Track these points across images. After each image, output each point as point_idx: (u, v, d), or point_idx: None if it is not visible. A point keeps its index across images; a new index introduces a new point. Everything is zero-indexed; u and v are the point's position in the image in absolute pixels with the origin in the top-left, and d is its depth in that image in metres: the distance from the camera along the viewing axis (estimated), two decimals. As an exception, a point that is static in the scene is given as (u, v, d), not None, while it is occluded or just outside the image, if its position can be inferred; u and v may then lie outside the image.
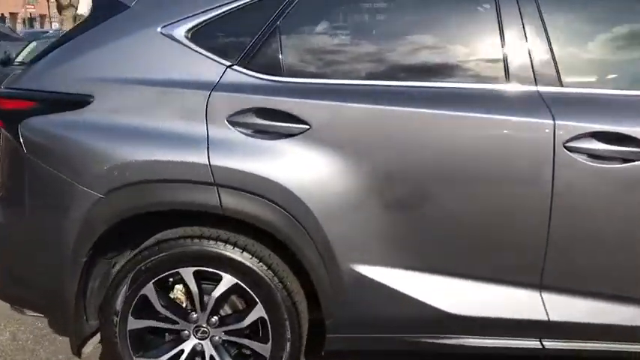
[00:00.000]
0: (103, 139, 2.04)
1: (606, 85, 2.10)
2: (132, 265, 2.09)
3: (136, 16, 2.15)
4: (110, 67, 2.11)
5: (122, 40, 2.12)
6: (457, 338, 2.10)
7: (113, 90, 2.08)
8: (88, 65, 2.12)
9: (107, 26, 2.16)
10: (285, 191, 1.97)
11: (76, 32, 2.24)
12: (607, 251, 1.97)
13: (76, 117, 2.07)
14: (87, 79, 2.10)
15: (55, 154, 2.08)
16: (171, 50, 2.09)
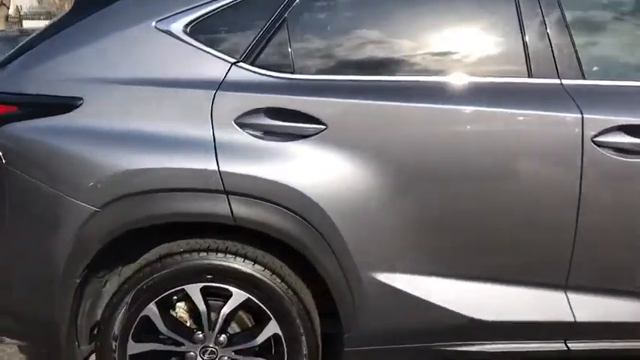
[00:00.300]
0: (96, 146, 1.84)
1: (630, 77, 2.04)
2: (132, 283, 1.89)
3: (127, 10, 1.95)
4: (100, 66, 1.91)
5: (112, 36, 1.92)
6: (481, 344, 2.01)
7: (105, 91, 1.88)
8: (75, 64, 1.91)
9: (93, 21, 1.95)
10: (301, 196, 1.82)
11: (54, 29, 2.02)
12: (635, 248, 1.92)
13: (63, 122, 1.86)
14: (74, 79, 1.89)
15: (40, 164, 1.86)
16: (169, 46, 1.90)
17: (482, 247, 1.92)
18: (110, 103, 1.87)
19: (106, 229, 1.84)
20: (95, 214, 1.82)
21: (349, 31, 1.98)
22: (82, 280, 1.89)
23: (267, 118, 1.84)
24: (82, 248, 1.85)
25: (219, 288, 1.91)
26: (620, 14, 2.08)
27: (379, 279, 1.91)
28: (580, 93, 1.87)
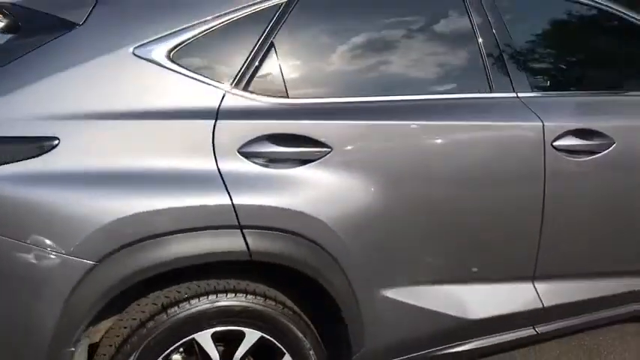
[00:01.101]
0: (83, 191, 1.59)
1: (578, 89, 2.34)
2: (135, 342, 1.67)
3: (94, 36, 1.72)
4: (73, 100, 1.66)
5: (83, 65, 1.68)
6: (470, 342, 2.15)
7: (83, 128, 1.64)
8: (41, 99, 1.63)
9: (54, 49, 1.69)
10: (314, 222, 1.78)
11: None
12: (587, 235, 2.21)
13: (38, 167, 1.57)
14: (42, 117, 1.62)
15: (14, 218, 1.56)
16: (152, 74, 1.73)
17: (472, 253, 2.05)
18: (92, 141, 1.64)
19: (109, 283, 1.60)
20: (94, 268, 1.58)
21: (340, 52, 1.99)
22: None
23: (272, 144, 1.76)
24: (80, 307, 1.59)
25: (229, 331, 1.78)
26: (559, 37, 2.39)
27: (385, 294, 1.94)
28: (534, 104, 2.12)
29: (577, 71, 2.49)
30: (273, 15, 1.86)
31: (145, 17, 1.79)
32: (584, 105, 2.27)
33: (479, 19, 2.11)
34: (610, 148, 2.18)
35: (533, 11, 2.37)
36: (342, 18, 2.01)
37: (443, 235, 1.98)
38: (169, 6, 1.83)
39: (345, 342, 1.94)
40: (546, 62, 2.36)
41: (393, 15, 2.09)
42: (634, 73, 2.57)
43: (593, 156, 2.16)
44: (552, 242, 2.15)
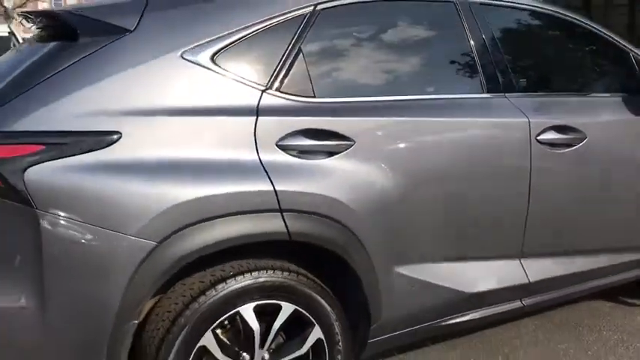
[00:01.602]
0: (143, 179, 1.79)
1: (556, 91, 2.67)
2: (190, 315, 1.86)
3: (147, 41, 1.92)
4: (131, 99, 1.85)
5: (137, 68, 1.87)
6: (468, 314, 2.43)
7: (141, 124, 1.83)
8: (101, 98, 1.82)
9: (111, 53, 1.88)
10: (341, 206, 2.02)
11: (57, 61, 1.87)
12: (570, 219, 2.54)
13: (102, 158, 1.76)
14: (104, 113, 1.80)
15: (82, 203, 1.73)
16: (198, 76, 1.94)
17: (472, 233, 2.34)
18: (149, 135, 1.83)
19: (169, 261, 1.79)
20: (156, 247, 1.77)
21: (358, 58, 2.24)
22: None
23: (303, 138, 2.00)
24: (142, 286, 1.77)
25: (268, 305, 1.99)
26: (539, 47, 2.74)
27: (399, 270, 2.19)
28: (520, 104, 2.42)
29: (554, 76, 2.83)
30: (300, 24, 2.10)
31: (190, 24, 1.99)
32: (561, 104, 2.60)
33: (473, 34, 2.41)
34: (583, 141, 2.51)
35: (517, 25, 2.69)
36: (360, 27, 2.27)
37: (447, 217, 2.26)
38: (210, 14, 2.03)
39: (363, 315, 2.18)
40: (528, 68, 2.67)
41: (404, 27, 2.37)
42: (599, 79, 2.94)
43: (569, 148, 2.49)
44: (536, 224, 2.46)
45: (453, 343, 2.85)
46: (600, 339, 2.91)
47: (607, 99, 2.77)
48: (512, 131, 2.38)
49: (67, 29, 1.94)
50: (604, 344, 2.86)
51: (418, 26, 2.41)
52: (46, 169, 1.71)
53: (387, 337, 2.27)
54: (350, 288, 2.14)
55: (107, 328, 1.77)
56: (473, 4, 2.46)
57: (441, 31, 2.44)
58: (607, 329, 3.00)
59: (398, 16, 2.35)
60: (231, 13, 2.05)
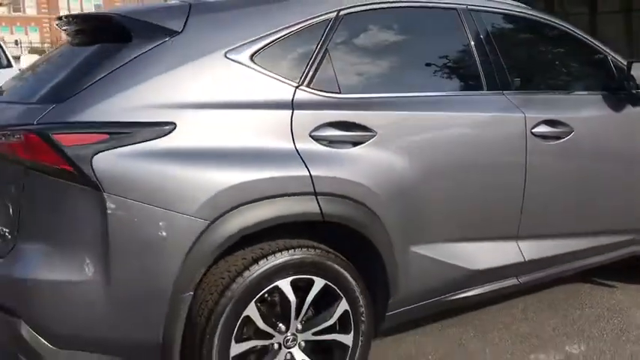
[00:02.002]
0: (197, 165, 2.00)
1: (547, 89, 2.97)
2: (236, 288, 2.06)
3: (194, 42, 2.13)
4: (182, 93, 2.06)
5: (187, 65, 2.08)
6: (473, 289, 2.69)
7: (192, 116, 2.04)
8: (157, 93, 2.02)
9: (162, 52, 2.08)
10: (366, 190, 2.26)
11: (115, 60, 2.06)
12: (560, 203, 2.82)
13: (162, 145, 1.96)
14: (159, 106, 2.00)
15: (144, 186, 1.93)
16: (240, 73, 2.15)
17: (476, 216, 2.60)
18: (199, 126, 2.04)
19: (220, 238, 2.00)
20: (210, 225, 1.98)
21: (377, 58, 2.49)
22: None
23: (332, 129, 2.23)
24: (197, 259, 1.98)
25: (302, 280, 2.21)
26: (532, 50, 3.03)
27: (415, 249, 2.44)
28: (518, 100, 2.70)
29: (544, 75, 3.13)
30: (325, 27, 2.34)
31: (232, 27, 2.21)
32: (551, 101, 2.89)
33: (474, 38, 2.68)
34: (570, 134, 2.80)
35: (512, 30, 2.99)
36: (378, 31, 2.52)
37: (455, 201, 2.51)
38: (248, 18, 2.25)
39: (382, 290, 2.42)
40: (522, 68, 2.95)
41: (415, 31, 2.64)
42: (582, 78, 3.25)
43: (559, 140, 2.78)
44: (531, 208, 2.74)
45: (452, 321, 3.11)
46: (583, 315, 3.21)
47: (589, 96, 3.07)
48: (510, 125, 2.65)
49: (121, 31, 2.13)
50: (587, 319, 3.16)
51: (427, 31, 2.68)
52: (111, 155, 1.91)
53: (403, 311, 2.51)
54: (371, 265, 2.38)
55: (166, 298, 1.97)
56: (472, 12, 2.74)
57: (446, 35, 2.70)
58: (589, 307, 3.30)
59: (410, 22, 2.61)
60: (267, 16, 2.27)
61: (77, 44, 2.44)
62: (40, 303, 1.93)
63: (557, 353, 2.83)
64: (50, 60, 2.57)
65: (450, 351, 2.86)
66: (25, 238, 1.96)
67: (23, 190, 1.95)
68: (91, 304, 1.93)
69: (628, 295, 3.44)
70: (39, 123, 1.92)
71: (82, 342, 1.97)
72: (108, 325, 1.96)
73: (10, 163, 1.99)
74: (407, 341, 2.94)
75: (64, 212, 1.92)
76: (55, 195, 1.92)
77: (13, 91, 2.41)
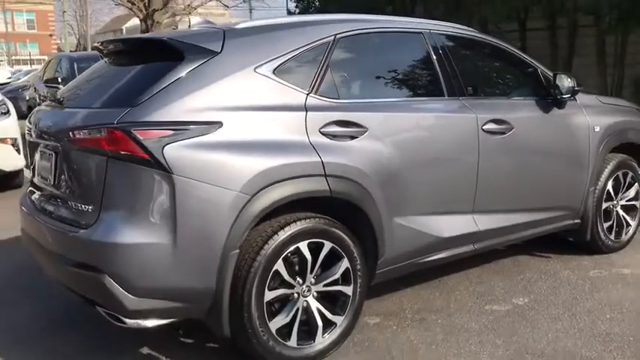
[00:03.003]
0: (240, 153, 2.63)
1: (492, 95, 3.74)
2: (268, 247, 2.69)
3: (231, 60, 2.76)
4: (225, 99, 2.69)
5: (227, 78, 2.72)
6: (439, 253, 3.39)
7: (233, 116, 2.67)
8: (203, 99, 2.64)
9: (209, 67, 2.71)
10: (360, 172, 2.93)
11: (172, 73, 2.65)
12: (505, 185, 3.58)
13: (213, 139, 2.59)
14: (207, 109, 2.62)
15: (202, 169, 2.54)
16: (266, 84, 2.80)
17: (442, 195, 3.31)
18: (239, 124, 2.67)
19: (258, 208, 2.63)
20: (251, 199, 2.61)
21: (365, 70, 3.19)
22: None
23: (335, 126, 2.90)
24: (241, 225, 2.60)
25: (315, 243, 2.85)
26: (481, 65, 3.80)
27: (397, 220, 3.13)
28: (469, 104, 3.45)
29: (490, 84, 3.91)
30: (327, 47, 3.01)
31: (258, 48, 2.86)
32: (496, 105, 3.65)
33: (436, 56, 3.42)
34: (512, 130, 3.57)
35: (464, 49, 3.75)
36: (365, 50, 3.22)
37: (427, 182, 3.22)
38: (271, 41, 2.90)
39: (373, 252, 3.09)
40: (473, 79, 3.71)
41: (394, 49, 3.36)
42: (519, 87, 4.04)
43: (503, 135, 3.54)
44: (483, 188, 3.48)
45: (423, 285, 3.82)
46: (525, 278, 3.97)
47: (525, 101, 3.87)
48: (466, 123, 3.39)
49: (175, 52, 2.73)
50: (528, 281, 3.92)
51: (401, 49, 3.41)
52: (177, 146, 2.51)
53: (388, 269, 3.19)
54: (365, 232, 3.04)
55: (218, 256, 2.58)
56: (434, 34, 3.48)
57: (416, 52, 3.44)
58: (529, 271, 4.08)
59: (389, 42, 3.35)
60: (284, 39, 2.94)
61: (126, 62, 3.02)
62: (120, 261, 2.50)
63: (506, 304, 3.57)
64: (99, 75, 3.14)
65: (422, 306, 3.56)
66: (107, 210, 2.53)
67: (106, 174, 2.52)
68: (161, 260, 2.52)
69: (559, 262, 4.24)
70: (119, 122, 2.51)
71: (153, 291, 2.55)
72: (174, 277, 2.55)
73: (93, 153, 2.57)
74: (388, 300, 3.63)
75: (139, 190, 2.51)
76: (133, 177, 2.50)
77: (76, 99, 2.98)
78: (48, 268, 2.95)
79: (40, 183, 3.10)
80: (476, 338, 3.15)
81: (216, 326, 2.70)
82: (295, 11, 16.88)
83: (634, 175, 4.43)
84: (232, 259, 2.62)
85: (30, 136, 3.22)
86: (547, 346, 3.05)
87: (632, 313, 3.39)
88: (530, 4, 10.58)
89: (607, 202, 4.29)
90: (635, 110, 4.61)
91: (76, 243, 2.59)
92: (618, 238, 4.39)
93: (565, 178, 3.99)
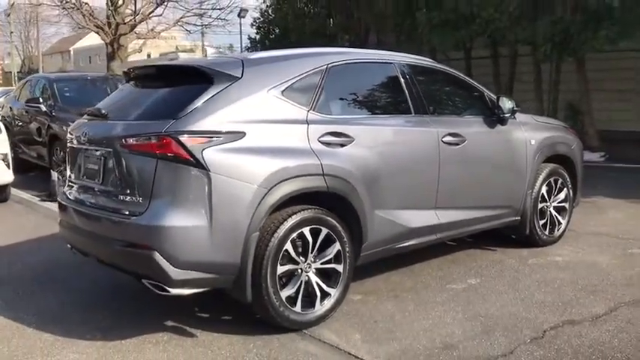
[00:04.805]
0: (259, 157, 3.36)
1: (449, 114, 4.59)
2: (280, 231, 3.40)
3: (250, 83, 3.50)
4: (246, 114, 3.42)
5: (247, 97, 3.46)
6: (409, 241, 4.18)
7: (253, 127, 3.40)
8: (233, 113, 3.36)
9: (233, 89, 3.44)
10: (349, 172, 3.69)
11: (206, 93, 3.36)
12: (460, 186, 4.41)
13: (239, 145, 3.31)
14: (236, 122, 3.35)
15: (231, 168, 3.26)
16: (277, 102, 3.55)
17: (410, 193, 4.11)
18: (257, 134, 3.40)
19: (274, 200, 3.36)
20: (268, 192, 3.33)
21: (350, 92, 3.99)
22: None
23: (330, 136, 3.66)
24: (260, 213, 3.31)
25: (315, 228, 3.58)
26: (440, 90, 4.66)
27: (377, 212, 3.90)
28: (432, 121, 4.28)
29: (446, 105, 4.78)
30: (321, 74, 3.79)
31: (269, 74, 3.61)
32: (452, 121, 4.50)
33: (405, 81, 4.24)
34: (465, 142, 4.42)
35: (426, 77, 4.59)
36: (351, 76, 4.02)
37: (399, 182, 4.02)
38: (279, 69, 3.66)
39: (357, 239, 3.84)
40: (433, 100, 4.55)
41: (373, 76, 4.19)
42: (469, 107, 4.90)
43: (458, 146, 4.38)
44: (443, 188, 4.29)
45: (394, 272, 4.59)
46: (476, 265, 4.80)
47: (474, 118, 4.74)
48: (429, 135, 4.22)
49: (205, 76, 3.45)
50: (479, 267, 4.75)
51: (378, 76, 4.24)
52: (212, 150, 3.23)
53: (369, 253, 3.95)
54: (352, 221, 3.79)
55: (243, 236, 3.28)
56: (402, 64, 4.31)
57: (389, 79, 4.25)
58: (479, 261, 4.90)
59: (368, 70, 4.18)
60: (289, 67, 3.71)
61: (160, 84, 3.71)
62: (167, 240, 3.17)
63: (462, 284, 4.37)
64: (133, 94, 3.83)
65: (395, 287, 4.33)
66: (156, 200, 3.20)
67: (155, 172, 3.20)
68: (199, 240, 3.21)
69: (503, 254, 5.09)
70: (166, 131, 3.20)
71: (193, 264, 3.22)
72: (209, 253, 3.23)
73: (144, 156, 3.24)
74: (366, 283, 4.37)
75: (183, 183, 3.19)
76: (177, 173, 3.19)
77: (119, 114, 3.66)
78: (96, 251, 3.58)
79: (84, 181, 3.74)
80: (440, 307, 3.93)
81: (239, 294, 3.39)
82: (256, 37, 17.69)
83: (563, 181, 5.36)
84: (254, 239, 3.33)
85: (72, 143, 3.86)
86: (496, 311, 3.85)
87: (562, 287, 4.25)
88: (476, 35, 11.67)
89: (542, 203, 5.19)
90: (563, 128, 5.58)
91: (129, 227, 3.25)
92: (552, 233, 5.29)
93: (508, 182, 4.86)
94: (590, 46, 10.28)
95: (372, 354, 3.30)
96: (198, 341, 3.52)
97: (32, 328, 3.77)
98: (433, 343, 3.41)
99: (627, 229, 5.84)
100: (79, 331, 3.71)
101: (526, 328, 3.56)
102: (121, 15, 15.20)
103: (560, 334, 3.48)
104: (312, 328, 3.60)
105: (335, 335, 3.54)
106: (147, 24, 16.60)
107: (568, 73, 12.19)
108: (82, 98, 9.61)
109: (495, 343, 3.39)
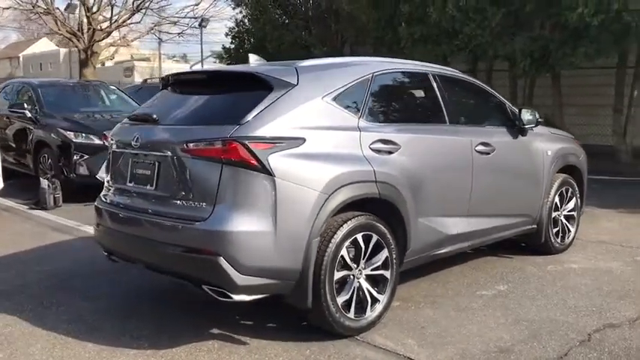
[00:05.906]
0: (319, 162, 3.38)
1: (477, 124, 4.70)
2: (337, 237, 3.42)
3: (305, 90, 3.51)
4: (305, 121, 3.42)
5: (304, 104, 3.47)
6: (445, 248, 4.25)
7: (311, 133, 3.41)
8: (293, 119, 3.37)
9: (291, 95, 3.44)
10: (397, 180, 3.74)
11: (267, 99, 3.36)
12: (489, 194, 4.52)
13: (300, 150, 3.32)
14: (296, 127, 3.36)
15: (294, 173, 3.26)
16: (331, 109, 3.57)
17: (451, 201, 4.19)
18: (316, 140, 3.41)
19: (334, 205, 3.37)
20: (328, 197, 3.34)
21: (395, 100, 4.04)
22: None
23: (380, 143, 3.71)
24: (321, 218, 3.32)
25: (367, 235, 3.61)
26: (472, 102, 4.76)
27: (420, 219, 3.96)
28: (465, 130, 4.39)
29: (477, 116, 4.90)
30: (368, 82, 3.84)
31: (323, 81, 3.63)
32: (482, 131, 4.62)
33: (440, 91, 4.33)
34: (494, 151, 4.54)
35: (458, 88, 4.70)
36: (392, 86, 4.08)
37: (439, 189, 4.09)
38: (331, 76, 3.68)
39: (402, 245, 3.88)
40: (465, 111, 4.67)
41: (410, 87, 4.27)
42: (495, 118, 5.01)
43: (488, 155, 4.49)
44: (475, 197, 4.39)
45: (424, 278, 4.65)
46: (498, 272, 4.91)
47: (499, 129, 4.87)
48: (464, 144, 4.32)
49: (265, 83, 3.45)
50: (501, 274, 4.85)
51: (417, 85, 4.32)
52: (277, 155, 3.23)
53: (411, 260, 4.00)
54: (398, 228, 3.84)
55: (304, 242, 3.28)
56: (435, 74, 4.40)
57: (425, 89, 4.34)
58: (500, 268, 5.02)
59: (408, 79, 4.27)
60: (340, 75, 3.74)
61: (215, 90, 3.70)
62: (233, 245, 3.14)
63: (492, 290, 4.47)
64: (182, 99, 3.79)
65: (427, 293, 4.38)
66: (221, 205, 3.17)
67: (220, 177, 3.17)
68: (264, 245, 3.19)
69: (521, 261, 5.22)
70: (232, 136, 3.18)
71: (257, 270, 3.20)
72: (273, 258, 3.22)
73: (208, 161, 3.21)
74: (399, 290, 4.39)
75: (248, 189, 3.17)
76: (243, 178, 3.17)
77: (174, 119, 3.61)
78: (147, 256, 3.51)
79: (132, 186, 3.66)
80: (480, 313, 4.01)
81: (298, 300, 3.38)
82: (230, 47, 17.63)
83: (572, 190, 5.55)
84: (315, 245, 3.33)
85: (117, 147, 3.78)
86: (535, 316, 3.95)
87: (590, 293, 4.39)
88: (457, 50, 11.95)
89: (555, 212, 5.36)
90: (572, 139, 5.79)
91: (192, 232, 3.20)
92: (563, 241, 5.46)
93: (528, 191, 5.01)
94: (569, 63, 10.66)
95: (432, 358, 3.34)
96: (251, 348, 3.49)
97: (71, 338, 3.66)
98: (487, 346, 3.48)
99: (626, 238, 6.08)
100: (122, 340, 3.62)
101: (571, 332, 3.67)
102: (96, 21, 14.90)
103: (605, 337, 3.60)
104: (363, 334, 3.62)
105: (389, 341, 3.56)
106: (119, 32, 16.33)
107: (542, 88, 12.62)
108: (66, 104, 9.42)
109: (547, 346, 3.48)
